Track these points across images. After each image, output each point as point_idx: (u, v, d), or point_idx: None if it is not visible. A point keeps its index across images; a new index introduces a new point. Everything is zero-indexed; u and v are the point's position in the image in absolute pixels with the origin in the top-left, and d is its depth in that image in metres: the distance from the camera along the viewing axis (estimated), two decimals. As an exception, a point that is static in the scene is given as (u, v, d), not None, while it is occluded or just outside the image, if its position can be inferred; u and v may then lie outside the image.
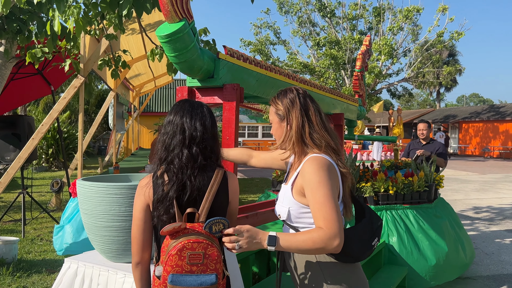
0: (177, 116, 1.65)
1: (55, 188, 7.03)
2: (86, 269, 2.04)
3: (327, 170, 1.58)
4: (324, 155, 1.64)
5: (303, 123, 1.68)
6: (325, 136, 1.67)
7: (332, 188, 1.55)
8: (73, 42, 4.19)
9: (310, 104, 1.72)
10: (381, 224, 1.72)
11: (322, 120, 1.71)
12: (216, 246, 1.49)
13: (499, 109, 30.54)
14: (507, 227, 6.87)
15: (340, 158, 1.67)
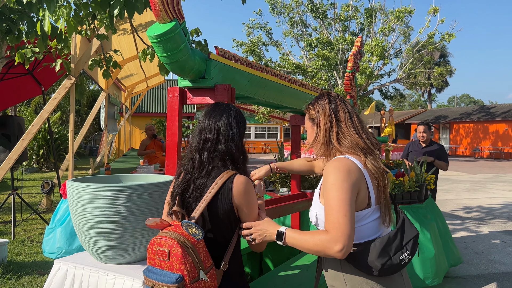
0: (201, 118, 1.79)
1: (46, 189, 6.97)
2: (76, 270, 2.03)
3: (344, 171, 1.51)
4: (349, 156, 1.59)
5: (331, 124, 1.66)
6: (353, 136, 1.62)
7: (346, 191, 1.47)
8: (64, 43, 4.15)
9: (340, 105, 1.70)
10: (415, 237, 1.58)
11: (353, 121, 1.66)
12: (183, 247, 1.49)
13: (489, 110, 30.85)
14: (497, 227, 6.95)
15: (374, 159, 1.59)
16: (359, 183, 1.52)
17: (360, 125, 1.67)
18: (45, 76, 6.77)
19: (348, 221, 1.44)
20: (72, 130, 6.29)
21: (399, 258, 1.51)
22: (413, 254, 1.56)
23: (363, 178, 1.53)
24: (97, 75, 8.87)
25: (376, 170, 1.57)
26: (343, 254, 1.43)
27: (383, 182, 1.59)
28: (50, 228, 4.52)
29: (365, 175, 1.54)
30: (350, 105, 1.73)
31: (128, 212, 1.94)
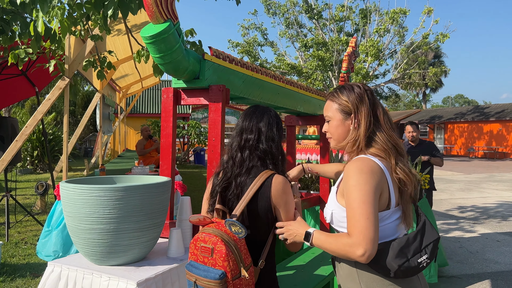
0: (240, 119, 1.84)
1: (40, 190, 6.93)
2: (70, 272, 2.02)
3: (367, 173, 1.46)
4: (372, 157, 1.52)
5: (372, 123, 1.57)
6: (393, 137, 1.57)
7: (369, 193, 1.43)
8: (58, 43, 4.13)
9: (378, 102, 1.61)
10: (436, 241, 1.51)
11: (390, 120, 1.60)
12: (227, 244, 1.54)
13: (484, 110, 31.04)
14: (491, 226, 6.98)
15: (402, 162, 1.54)
16: (382, 185, 1.47)
17: (392, 124, 1.61)
18: (39, 77, 6.73)
19: (371, 225, 1.40)
20: (66, 131, 6.26)
21: (417, 261, 1.46)
22: (432, 258, 1.48)
23: (385, 180, 1.49)
24: (91, 76, 8.84)
25: (406, 175, 1.52)
26: (366, 259, 1.39)
27: (413, 186, 1.54)
28: (47, 231, 4.48)
29: (387, 176, 1.50)
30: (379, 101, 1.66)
31: (122, 214, 1.93)
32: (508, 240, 6.10)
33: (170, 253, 2.18)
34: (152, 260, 2.13)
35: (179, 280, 2.06)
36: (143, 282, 1.86)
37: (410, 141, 5.57)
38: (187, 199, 2.39)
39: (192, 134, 16.51)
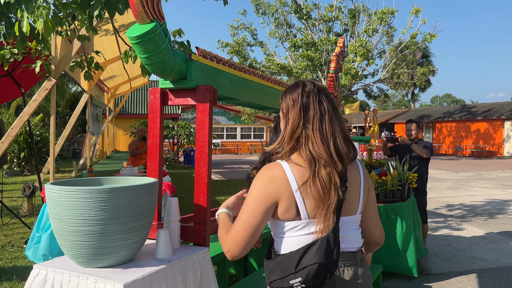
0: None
1: (27, 193, 6.85)
2: (55, 275, 1.99)
3: (264, 180, 1.42)
4: (287, 164, 1.43)
5: (299, 127, 1.46)
6: (315, 144, 1.41)
7: (255, 200, 1.42)
8: (43, 44, 4.09)
9: (313, 103, 1.46)
10: (312, 266, 1.33)
11: (322, 123, 1.44)
12: None
13: (471, 109, 31.44)
14: (478, 224, 7.07)
15: (328, 173, 1.38)
16: (278, 195, 1.40)
17: (330, 129, 1.43)
18: (25, 77, 6.65)
19: (243, 229, 1.41)
20: (53, 133, 6.19)
21: (289, 282, 1.36)
22: (308, 283, 1.33)
23: (286, 190, 1.40)
24: (79, 77, 8.76)
25: (321, 190, 1.37)
26: (229, 257, 1.44)
27: (330, 199, 1.37)
28: (38, 236, 4.42)
29: (293, 187, 1.39)
30: (327, 101, 1.48)
31: (108, 215, 1.91)
32: (495, 237, 6.19)
33: (157, 254, 2.17)
34: (140, 262, 2.12)
35: (167, 282, 2.05)
36: (130, 284, 1.85)
37: (410, 139, 5.57)
38: (175, 200, 2.38)
39: (182, 135, 16.45)
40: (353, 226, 1.52)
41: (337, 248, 1.37)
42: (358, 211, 1.51)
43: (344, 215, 1.47)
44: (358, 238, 1.56)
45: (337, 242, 1.37)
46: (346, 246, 1.49)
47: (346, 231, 1.49)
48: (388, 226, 4.19)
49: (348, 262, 1.48)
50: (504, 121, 27.17)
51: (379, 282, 3.89)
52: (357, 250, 1.53)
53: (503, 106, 29.34)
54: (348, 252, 1.49)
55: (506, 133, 27.05)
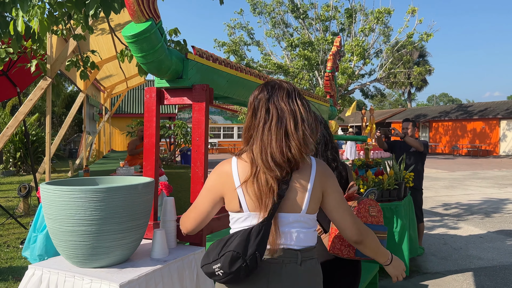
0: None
1: (23, 193, 6.81)
2: (51, 275, 1.98)
3: (214, 173, 1.60)
4: (236, 160, 1.57)
5: (249, 127, 1.56)
6: (256, 147, 1.50)
7: (205, 188, 1.63)
8: (39, 43, 4.06)
9: (263, 106, 1.53)
10: (228, 254, 1.43)
11: (264, 129, 1.50)
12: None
13: (467, 108, 31.55)
14: (475, 223, 7.10)
15: (265, 178, 1.47)
16: (222, 188, 1.56)
17: (269, 138, 1.48)
18: (20, 77, 6.62)
19: (192, 212, 1.67)
20: (48, 132, 6.16)
21: (212, 267, 1.46)
22: (225, 269, 1.43)
23: (229, 184, 1.54)
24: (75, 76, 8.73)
25: (258, 189, 1.48)
26: (182, 230, 1.73)
27: (267, 201, 1.47)
28: (34, 236, 4.40)
29: (236, 181, 1.53)
30: (277, 108, 1.51)
31: (104, 215, 1.90)
32: (491, 236, 6.21)
33: (153, 254, 2.16)
34: (136, 262, 2.11)
35: (163, 281, 2.04)
36: (126, 284, 1.84)
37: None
38: (171, 200, 2.38)
39: (179, 134, 16.41)
40: (297, 224, 1.53)
41: (260, 242, 1.43)
42: (303, 211, 1.53)
43: (286, 212, 1.51)
44: (306, 237, 1.56)
45: (263, 235, 1.44)
46: (287, 243, 1.52)
47: (287, 228, 1.52)
48: (384, 224, 4.21)
49: (287, 259, 1.51)
50: (500, 120, 27.27)
51: (375, 281, 3.90)
52: (300, 248, 1.54)
53: (499, 106, 29.46)
54: (288, 249, 1.52)
55: (502, 132, 27.16)
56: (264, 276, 1.49)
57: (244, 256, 1.41)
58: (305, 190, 1.53)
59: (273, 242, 1.49)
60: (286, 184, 1.48)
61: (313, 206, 1.55)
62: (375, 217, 2.13)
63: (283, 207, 1.50)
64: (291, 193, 1.51)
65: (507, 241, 5.93)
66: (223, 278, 1.45)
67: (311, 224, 1.58)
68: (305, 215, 1.54)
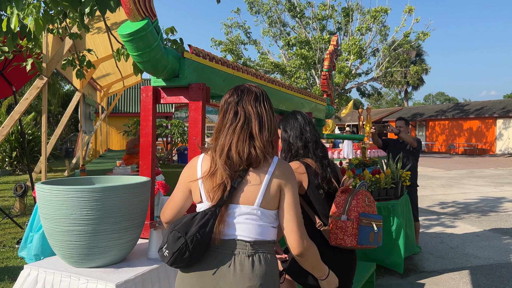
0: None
1: (19, 192, 6.78)
2: (47, 275, 1.97)
3: (186, 167, 1.74)
4: (205, 155, 1.70)
5: (218, 128, 1.69)
6: (219, 145, 1.62)
7: (179, 180, 1.73)
8: (34, 41, 4.04)
9: (228, 113, 1.65)
10: (172, 234, 1.54)
11: (227, 133, 1.61)
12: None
13: (463, 107, 31.64)
14: (471, 221, 7.12)
15: (226, 170, 1.57)
16: (189, 178, 1.69)
17: (229, 139, 1.60)
18: (16, 76, 6.58)
19: (169, 202, 1.76)
20: (44, 132, 6.13)
21: (162, 250, 1.57)
22: (169, 249, 1.54)
23: (194, 175, 1.67)
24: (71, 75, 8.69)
25: (210, 182, 1.60)
26: (162, 220, 1.81)
27: (217, 194, 1.57)
28: (31, 235, 4.37)
29: (198, 173, 1.66)
30: (243, 111, 1.62)
31: (100, 215, 1.89)
32: (487, 234, 6.23)
33: (150, 254, 2.15)
34: (132, 262, 2.10)
35: (160, 281, 2.03)
36: (122, 284, 1.83)
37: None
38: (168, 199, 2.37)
39: (176, 134, 16.38)
40: (249, 216, 1.59)
41: (203, 226, 1.53)
42: (256, 203, 1.58)
43: (238, 203, 1.59)
44: (259, 231, 1.60)
45: (206, 220, 1.54)
46: (237, 234, 1.58)
47: (238, 219, 1.59)
48: (382, 224, 4.22)
49: (237, 250, 1.56)
50: (496, 119, 27.38)
51: (373, 280, 3.90)
52: (251, 240, 1.58)
53: (495, 104, 29.56)
54: (239, 240, 1.58)
55: (498, 131, 27.26)
56: (213, 262, 1.56)
57: (184, 236, 1.51)
58: (259, 184, 1.59)
59: (219, 231, 1.57)
60: (241, 177, 1.58)
61: (269, 202, 1.60)
62: (371, 207, 2.22)
63: (235, 198, 1.58)
64: (245, 186, 1.59)
65: (503, 239, 5.95)
66: (170, 258, 1.54)
67: (269, 220, 1.62)
68: (258, 208, 1.58)
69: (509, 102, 29.28)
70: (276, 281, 1.63)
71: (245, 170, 1.59)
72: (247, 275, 1.53)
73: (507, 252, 5.34)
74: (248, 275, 1.53)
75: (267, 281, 1.56)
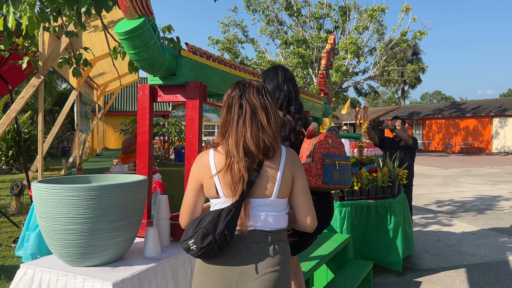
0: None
1: (15, 191, 6.75)
2: (43, 274, 1.96)
3: (195, 163, 1.74)
4: (213, 150, 1.71)
5: (224, 124, 1.73)
6: (231, 142, 1.65)
7: (190, 178, 1.73)
8: (30, 40, 4.02)
9: (234, 106, 1.69)
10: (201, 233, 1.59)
11: (238, 126, 1.65)
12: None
13: (460, 106, 31.73)
14: (468, 220, 7.14)
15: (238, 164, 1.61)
16: (201, 175, 1.69)
17: (243, 131, 1.64)
18: (12, 74, 6.55)
19: (183, 203, 1.73)
20: (41, 130, 6.11)
21: (188, 243, 1.61)
22: (198, 245, 1.59)
23: (206, 171, 1.68)
24: (67, 73, 8.66)
25: (230, 177, 1.62)
26: (182, 226, 1.74)
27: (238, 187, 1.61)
28: (28, 234, 4.36)
29: (212, 169, 1.67)
30: (249, 104, 1.67)
31: (96, 213, 1.89)
32: (484, 233, 6.25)
33: (146, 252, 2.15)
34: (129, 260, 2.10)
35: (157, 280, 2.03)
36: (119, 283, 1.83)
37: (395, 136, 5.59)
38: (165, 198, 2.36)
39: (173, 132, 16.36)
40: (268, 208, 1.66)
41: (229, 222, 1.58)
42: (274, 195, 1.65)
43: (256, 197, 1.65)
44: (276, 220, 1.68)
45: (232, 216, 1.58)
46: (258, 225, 1.65)
47: (258, 211, 1.65)
48: (377, 221, 4.21)
49: (258, 239, 1.64)
50: (492, 118, 27.46)
51: (369, 278, 3.91)
52: (271, 230, 1.66)
53: (492, 103, 29.66)
54: (259, 231, 1.65)
55: (494, 129, 27.35)
56: (237, 252, 1.63)
57: (213, 233, 1.56)
58: (275, 177, 1.66)
59: (242, 224, 1.63)
60: (257, 172, 1.63)
61: (283, 191, 1.68)
62: (337, 148, 2.31)
63: (254, 192, 1.64)
64: (262, 180, 1.64)
65: (499, 237, 5.97)
66: (197, 252, 1.60)
67: (282, 208, 1.70)
68: (275, 199, 1.66)
69: (505, 101, 29.38)
70: (289, 265, 1.73)
71: (261, 163, 1.64)
72: (269, 262, 1.63)
73: (503, 250, 5.36)
74: (269, 262, 1.63)
75: (285, 266, 1.67)
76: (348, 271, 3.69)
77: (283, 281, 1.65)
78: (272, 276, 1.61)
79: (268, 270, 1.61)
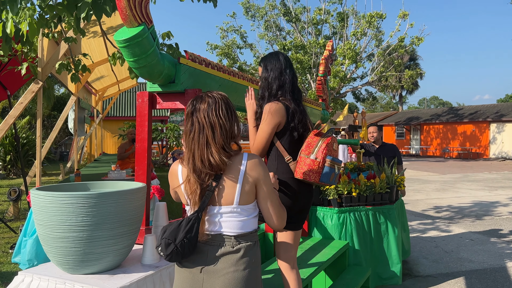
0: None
1: (13, 196, 6.73)
2: (41, 282, 1.96)
3: (169, 172, 1.89)
4: (179, 163, 1.84)
5: (183, 135, 1.85)
6: (186, 158, 1.75)
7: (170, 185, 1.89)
8: (29, 46, 4.03)
9: (187, 122, 1.76)
10: (164, 243, 1.69)
11: (191, 141, 1.73)
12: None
13: (458, 111, 31.82)
14: (466, 225, 7.15)
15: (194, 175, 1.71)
16: (173, 184, 1.84)
17: (195, 146, 1.71)
18: (11, 80, 6.55)
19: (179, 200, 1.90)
20: (39, 136, 6.10)
21: (158, 250, 1.72)
22: (164, 252, 1.68)
23: (176, 181, 1.82)
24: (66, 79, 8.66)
25: (191, 189, 1.72)
26: None
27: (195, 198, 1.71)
28: (25, 240, 4.34)
29: (180, 179, 1.79)
30: (200, 118, 1.72)
31: (95, 221, 1.88)
32: (482, 239, 6.26)
33: (144, 260, 2.14)
34: (127, 268, 2.09)
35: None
36: (117, 291, 1.82)
37: (372, 142, 5.63)
38: (163, 205, 2.36)
39: (171, 137, 16.36)
40: (231, 214, 1.73)
41: (189, 231, 1.67)
42: (235, 202, 1.72)
43: (220, 205, 1.72)
44: (241, 225, 1.74)
45: (191, 225, 1.68)
46: (222, 230, 1.73)
47: (221, 218, 1.73)
48: (376, 229, 4.20)
49: (223, 242, 1.72)
50: (490, 123, 27.55)
51: (367, 285, 3.91)
52: (236, 234, 1.73)
53: (489, 109, 29.76)
54: (224, 235, 1.73)
55: (492, 135, 27.43)
56: (204, 254, 1.73)
57: (174, 242, 1.67)
58: (234, 185, 1.71)
59: (205, 230, 1.73)
60: (217, 181, 1.70)
61: (245, 198, 1.73)
62: (335, 151, 2.51)
63: (215, 200, 1.72)
64: (222, 189, 1.72)
65: (497, 243, 5.98)
66: (165, 258, 1.71)
67: (248, 213, 1.76)
68: (238, 206, 1.72)
69: (502, 106, 29.49)
70: (258, 266, 1.80)
71: (217, 175, 1.71)
72: (232, 262, 1.70)
73: (501, 256, 5.36)
74: (233, 262, 1.70)
75: (249, 266, 1.73)
76: (346, 278, 3.68)
77: (248, 281, 1.72)
78: (236, 275, 1.69)
79: (231, 269, 1.69)
